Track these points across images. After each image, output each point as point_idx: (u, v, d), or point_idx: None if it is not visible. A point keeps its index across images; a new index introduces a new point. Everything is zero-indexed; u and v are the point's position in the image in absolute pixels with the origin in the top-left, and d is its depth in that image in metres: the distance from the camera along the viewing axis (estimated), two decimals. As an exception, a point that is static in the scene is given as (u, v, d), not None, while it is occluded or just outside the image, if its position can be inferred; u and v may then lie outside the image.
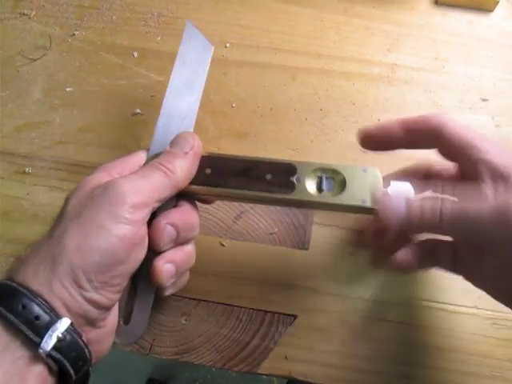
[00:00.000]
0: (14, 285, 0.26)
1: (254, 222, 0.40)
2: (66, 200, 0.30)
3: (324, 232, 0.40)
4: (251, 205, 0.41)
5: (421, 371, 0.36)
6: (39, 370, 0.25)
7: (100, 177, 0.31)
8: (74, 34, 0.49)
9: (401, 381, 0.36)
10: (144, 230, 0.29)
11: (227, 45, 0.47)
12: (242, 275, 0.39)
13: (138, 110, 0.45)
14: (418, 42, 0.47)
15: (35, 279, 0.26)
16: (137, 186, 0.29)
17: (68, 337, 0.25)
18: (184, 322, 0.38)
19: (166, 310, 0.38)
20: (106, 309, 0.28)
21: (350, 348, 0.37)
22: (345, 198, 0.31)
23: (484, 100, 0.44)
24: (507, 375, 0.36)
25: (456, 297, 0.38)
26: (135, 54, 0.47)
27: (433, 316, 0.37)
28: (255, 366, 0.37)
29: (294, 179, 0.32)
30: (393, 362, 0.36)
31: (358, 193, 0.31)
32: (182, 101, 0.36)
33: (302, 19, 0.48)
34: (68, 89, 0.46)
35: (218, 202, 0.41)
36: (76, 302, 0.26)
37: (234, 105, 0.45)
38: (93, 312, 0.27)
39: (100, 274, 0.27)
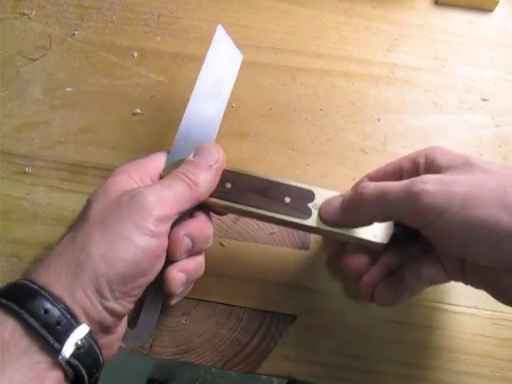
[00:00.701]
0: (36, 287, 0.25)
1: (253, 222, 0.40)
2: (89, 203, 0.30)
3: (324, 232, 0.40)
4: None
5: (421, 371, 0.36)
6: (56, 375, 0.25)
7: (122, 180, 0.31)
8: (74, 34, 0.49)
9: (400, 381, 0.36)
10: (166, 242, 0.29)
11: (227, 45, 0.47)
12: (242, 275, 0.39)
13: (138, 110, 0.45)
14: (418, 42, 0.47)
15: (58, 284, 0.26)
16: (162, 198, 0.29)
17: (86, 344, 0.25)
18: (184, 321, 0.38)
19: (166, 310, 0.38)
20: (121, 317, 0.29)
21: (349, 348, 0.37)
22: (358, 231, 0.32)
23: (484, 100, 0.44)
24: (507, 375, 0.36)
25: (456, 297, 0.38)
26: (135, 54, 0.47)
27: (433, 316, 0.37)
28: (255, 366, 0.37)
29: (311, 206, 0.32)
30: (392, 362, 0.36)
31: (371, 227, 0.32)
32: (206, 108, 0.35)
33: (302, 19, 0.48)
34: (68, 89, 0.46)
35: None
36: (95, 309, 0.26)
37: (233, 105, 0.45)
38: (109, 320, 0.27)
39: (122, 284, 0.27)
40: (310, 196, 0.33)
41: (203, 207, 0.33)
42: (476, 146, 0.43)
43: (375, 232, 0.32)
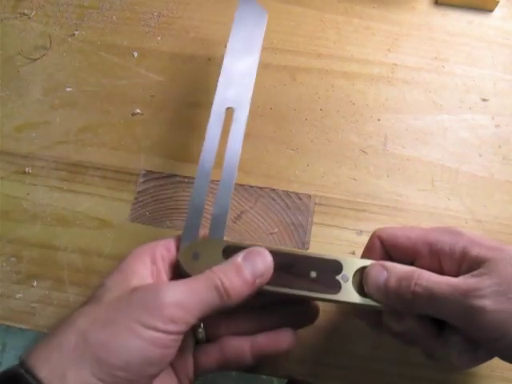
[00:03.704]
0: (22, 371, 0.24)
1: (253, 222, 0.40)
2: (103, 285, 0.28)
3: (324, 232, 0.40)
4: (251, 205, 0.41)
5: (421, 371, 0.36)
6: None
7: (136, 267, 0.29)
8: (73, 34, 0.49)
9: (401, 381, 0.36)
10: (179, 338, 0.27)
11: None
12: (242, 275, 0.39)
13: (138, 110, 0.45)
14: (418, 42, 0.47)
15: (45, 364, 0.24)
16: (180, 301, 0.26)
17: None
18: (184, 322, 0.38)
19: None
20: None
21: (350, 348, 0.37)
22: None
23: (484, 100, 0.44)
24: (507, 375, 0.36)
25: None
26: (135, 54, 0.47)
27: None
28: (255, 366, 0.37)
29: (340, 278, 0.30)
30: (393, 361, 0.36)
31: None
32: (240, 62, 0.37)
33: (303, 19, 0.48)
34: (68, 89, 0.46)
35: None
36: None
37: (234, 105, 0.45)
38: None
39: (126, 371, 0.25)
40: (338, 267, 0.30)
41: None
42: (476, 146, 0.43)
43: None
